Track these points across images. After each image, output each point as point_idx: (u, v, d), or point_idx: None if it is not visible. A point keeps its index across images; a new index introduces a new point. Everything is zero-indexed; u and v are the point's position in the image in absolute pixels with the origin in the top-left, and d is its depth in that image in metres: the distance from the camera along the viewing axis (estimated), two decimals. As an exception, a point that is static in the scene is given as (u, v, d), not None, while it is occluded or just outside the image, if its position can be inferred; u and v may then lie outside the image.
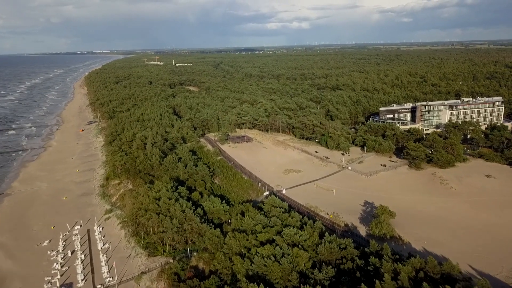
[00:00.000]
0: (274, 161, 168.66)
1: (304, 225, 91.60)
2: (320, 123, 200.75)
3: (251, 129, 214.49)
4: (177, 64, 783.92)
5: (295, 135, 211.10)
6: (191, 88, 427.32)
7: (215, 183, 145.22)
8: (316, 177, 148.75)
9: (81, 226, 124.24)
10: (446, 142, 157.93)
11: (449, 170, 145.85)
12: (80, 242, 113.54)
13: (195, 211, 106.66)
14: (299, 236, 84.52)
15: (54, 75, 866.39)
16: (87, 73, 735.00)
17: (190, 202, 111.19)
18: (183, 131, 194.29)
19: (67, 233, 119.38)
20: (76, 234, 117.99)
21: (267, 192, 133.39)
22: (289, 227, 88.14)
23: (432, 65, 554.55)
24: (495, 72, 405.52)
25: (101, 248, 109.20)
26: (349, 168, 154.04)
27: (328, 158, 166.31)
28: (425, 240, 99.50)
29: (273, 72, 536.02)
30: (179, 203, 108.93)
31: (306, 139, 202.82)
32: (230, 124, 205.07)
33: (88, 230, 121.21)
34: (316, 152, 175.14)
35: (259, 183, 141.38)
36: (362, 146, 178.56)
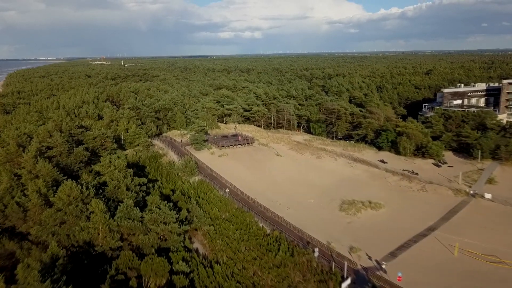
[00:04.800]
0: (310, 183, 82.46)
1: None
2: (366, 110, 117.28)
3: (240, 124, 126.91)
4: (126, 65, 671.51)
5: (315, 133, 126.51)
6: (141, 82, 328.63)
7: (195, 249, 56.44)
8: (424, 218, 64.60)
9: None
10: None
11: None
12: None
13: None
14: None
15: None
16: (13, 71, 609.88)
17: None
18: (119, 126, 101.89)
19: None
20: None
21: (349, 281, 46.92)
22: None
23: (411, 63, 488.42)
24: (491, 64, 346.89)
25: None
26: (486, 196, 71.11)
27: (417, 174, 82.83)
28: None
29: (240, 67, 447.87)
30: None
31: (341, 138, 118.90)
32: (207, 114, 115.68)
33: None
34: (384, 162, 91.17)
35: (316, 250, 54.13)
36: (456, 150, 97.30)
